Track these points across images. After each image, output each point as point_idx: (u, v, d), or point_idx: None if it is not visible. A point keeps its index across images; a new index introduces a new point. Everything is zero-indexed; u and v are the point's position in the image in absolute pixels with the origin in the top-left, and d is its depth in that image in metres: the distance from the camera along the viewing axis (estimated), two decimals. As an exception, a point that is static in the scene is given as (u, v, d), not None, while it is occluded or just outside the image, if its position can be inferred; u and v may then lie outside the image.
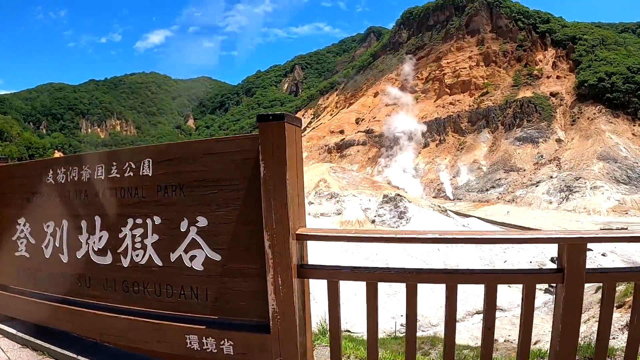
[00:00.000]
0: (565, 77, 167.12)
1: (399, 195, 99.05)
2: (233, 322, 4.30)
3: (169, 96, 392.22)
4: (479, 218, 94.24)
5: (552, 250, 50.83)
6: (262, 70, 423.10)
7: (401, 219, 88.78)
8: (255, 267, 4.15)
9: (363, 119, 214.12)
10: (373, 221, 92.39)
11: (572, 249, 3.72)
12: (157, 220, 4.66)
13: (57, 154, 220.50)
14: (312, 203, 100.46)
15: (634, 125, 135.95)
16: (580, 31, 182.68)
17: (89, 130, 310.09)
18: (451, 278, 3.98)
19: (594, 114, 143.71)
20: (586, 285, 3.82)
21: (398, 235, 4.05)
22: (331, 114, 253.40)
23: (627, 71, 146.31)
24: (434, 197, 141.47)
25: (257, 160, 4.02)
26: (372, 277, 4.08)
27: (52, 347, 5.59)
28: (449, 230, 4.17)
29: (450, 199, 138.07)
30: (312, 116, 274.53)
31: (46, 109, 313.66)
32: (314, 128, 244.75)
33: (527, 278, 3.91)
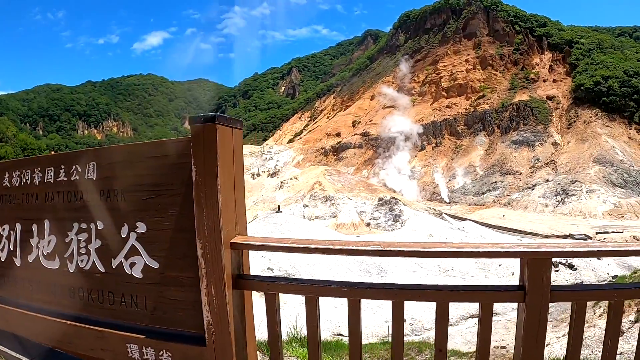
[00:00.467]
0: (561, 81, 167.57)
1: (394, 198, 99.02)
2: (171, 332, 4.09)
3: (166, 98, 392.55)
4: (474, 221, 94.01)
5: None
6: (260, 73, 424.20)
7: (396, 222, 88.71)
8: (191, 276, 3.91)
9: (360, 122, 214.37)
10: (368, 224, 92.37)
11: (535, 264, 3.32)
12: (100, 225, 4.45)
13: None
14: (307, 206, 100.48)
15: (630, 129, 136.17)
16: (577, 35, 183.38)
17: (86, 131, 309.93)
18: (398, 294, 3.69)
19: (590, 117, 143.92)
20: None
21: (335, 247, 3.73)
22: (328, 117, 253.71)
23: (623, 75, 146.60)
24: (430, 200, 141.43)
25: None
26: (312, 290, 3.83)
27: (7, 351, 5.48)
28: (397, 242, 3.85)
29: (446, 202, 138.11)
30: (309, 119, 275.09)
31: (43, 110, 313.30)
32: (310, 131, 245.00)
33: (483, 296, 3.58)
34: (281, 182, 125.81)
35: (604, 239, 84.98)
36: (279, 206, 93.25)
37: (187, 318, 4.02)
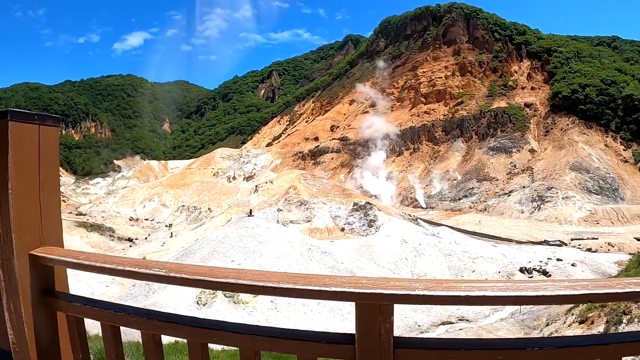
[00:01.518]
0: (539, 89, 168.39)
1: (369, 203, 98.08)
2: (-7, 347, 3.26)
3: (145, 99, 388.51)
4: (449, 227, 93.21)
5: (523, 259, 49.05)
6: (240, 76, 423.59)
7: (371, 227, 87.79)
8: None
9: (338, 127, 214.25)
10: (342, 229, 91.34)
11: (368, 310, 2.28)
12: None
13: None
14: (281, 210, 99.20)
15: (607, 137, 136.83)
16: (555, 43, 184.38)
17: (63, 132, 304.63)
18: (194, 334, 2.65)
19: (568, 125, 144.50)
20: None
21: (118, 267, 2.67)
22: (307, 121, 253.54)
23: (600, 83, 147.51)
24: (407, 206, 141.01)
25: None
26: (108, 317, 2.82)
27: None
28: (186, 267, 2.54)
29: (423, 208, 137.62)
30: (288, 122, 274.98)
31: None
32: (289, 135, 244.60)
33: (301, 347, 2.41)
34: (256, 186, 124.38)
35: (579, 245, 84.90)
36: (250, 210, 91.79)
37: (1, 333, 3.47)
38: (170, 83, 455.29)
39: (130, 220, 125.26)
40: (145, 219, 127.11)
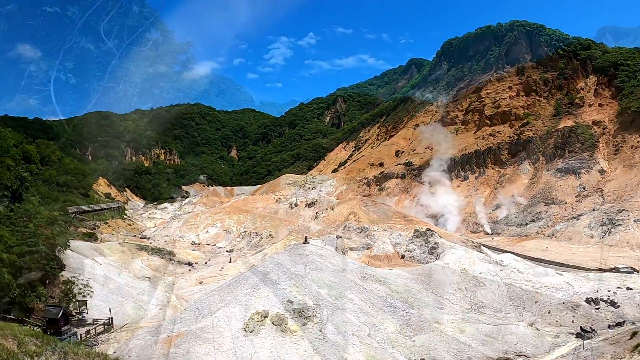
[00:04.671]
0: (607, 105, 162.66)
1: (429, 230, 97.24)
2: None
3: (213, 127, 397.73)
4: (514, 254, 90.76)
5: (590, 288, 47.42)
6: (305, 103, 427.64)
7: (431, 254, 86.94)
8: None
9: (403, 152, 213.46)
10: (403, 256, 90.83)
11: None
12: None
13: (101, 180, 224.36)
14: (340, 237, 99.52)
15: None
16: (622, 57, 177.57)
17: (134, 158, 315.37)
18: None
19: (638, 142, 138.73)
20: (620, 328, 2.03)
21: None
22: (372, 146, 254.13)
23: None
24: (472, 232, 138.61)
25: None
26: None
27: None
28: None
29: (488, 234, 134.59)
30: (353, 148, 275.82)
31: (92, 137, 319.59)
32: (354, 161, 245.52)
33: None
34: (316, 213, 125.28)
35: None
36: (306, 237, 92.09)
37: None
38: (237, 111, 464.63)
39: (193, 244, 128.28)
40: (207, 244, 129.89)
